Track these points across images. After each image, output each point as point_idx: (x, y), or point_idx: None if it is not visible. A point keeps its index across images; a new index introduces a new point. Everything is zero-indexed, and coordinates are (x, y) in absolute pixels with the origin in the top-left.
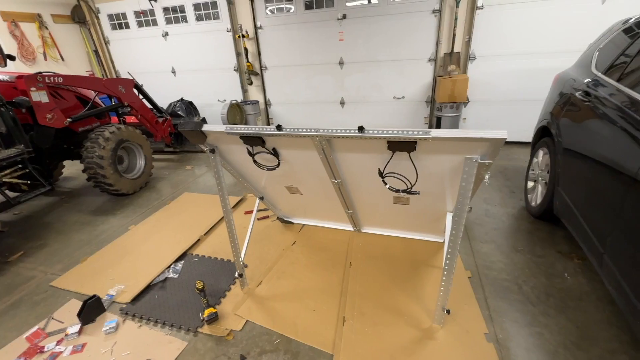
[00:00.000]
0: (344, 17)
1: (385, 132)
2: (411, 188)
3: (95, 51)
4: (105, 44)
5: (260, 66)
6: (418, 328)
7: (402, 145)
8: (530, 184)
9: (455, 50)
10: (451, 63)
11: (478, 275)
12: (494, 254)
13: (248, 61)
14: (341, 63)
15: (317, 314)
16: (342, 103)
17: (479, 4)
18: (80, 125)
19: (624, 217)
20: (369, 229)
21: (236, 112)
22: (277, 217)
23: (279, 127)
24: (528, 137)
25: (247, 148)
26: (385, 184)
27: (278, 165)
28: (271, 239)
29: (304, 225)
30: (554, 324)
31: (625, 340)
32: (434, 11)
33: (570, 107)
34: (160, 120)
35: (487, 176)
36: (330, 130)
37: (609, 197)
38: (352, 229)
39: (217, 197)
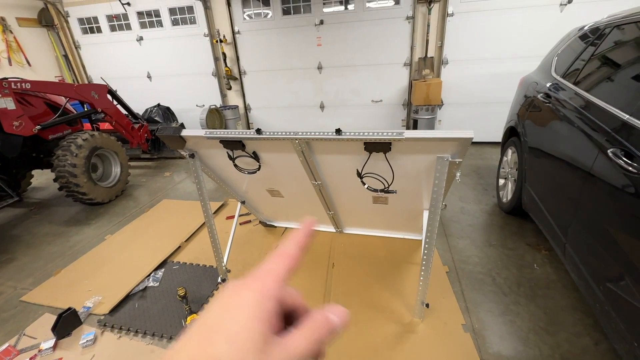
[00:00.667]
0: (322, 22)
1: (361, 134)
2: (388, 187)
3: (65, 56)
4: (76, 48)
5: (239, 71)
6: (400, 323)
7: (377, 146)
8: (501, 181)
9: (429, 55)
10: (425, 67)
11: (455, 269)
12: (469, 249)
13: (226, 66)
14: (320, 68)
15: None
16: (322, 107)
17: (449, 11)
18: (50, 132)
19: (581, 209)
20: (350, 229)
21: (215, 117)
22: (260, 221)
23: (258, 131)
24: (499, 137)
25: (227, 152)
26: (364, 184)
27: (259, 168)
28: (254, 243)
29: (286, 228)
30: (525, 311)
31: (589, 323)
32: (407, 18)
33: (533, 109)
34: (136, 126)
35: (458, 174)
36: (309, 133)
37: (568, 191)
38: (334, 230)
39: (197, 204)
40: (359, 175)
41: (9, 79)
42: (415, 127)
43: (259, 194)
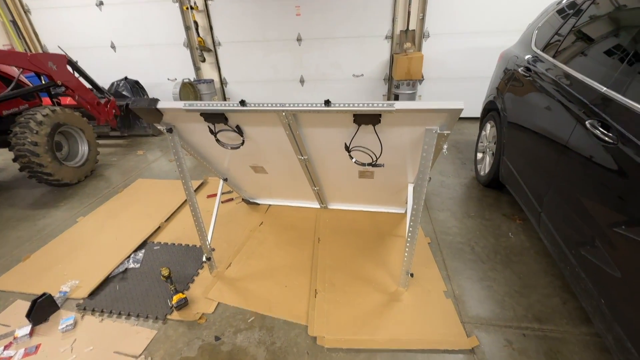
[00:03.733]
0: None
1: (351, 105)
2: (376, 161)
3: (13, 22)
4: (25, 13)
5: (213, 42)
6: (385, 292)
7: (367, 119)
8: (479, 155)
9: (411, 28)
10: (407, 41)
11: (436, 240)
12: (449, 220)
13: (199, 36)
14: (299, 39)
15: (290, 290)
16: (302, 81)
17: None
18: (3, 108)
19: (557, 179)
20: (335, 204)
21: (189, 92)
22: (242, 199)
23: (242, 103)
24: (478, 112)
25: (208, 126)
26: (352, 157)
27: (242, 143)
28: (237, 221)
29: (270, 205)
30: (501, 277)
31: (558, 285)
32: None
33: (513, 83)
34: (102, 101)
35: (445, 146)
36: (296, 105)
37: (545, 163)
38: (318, 206)
39: (175, 182)
40: (347, 149)
41: None
42: None
43: (242, 170)
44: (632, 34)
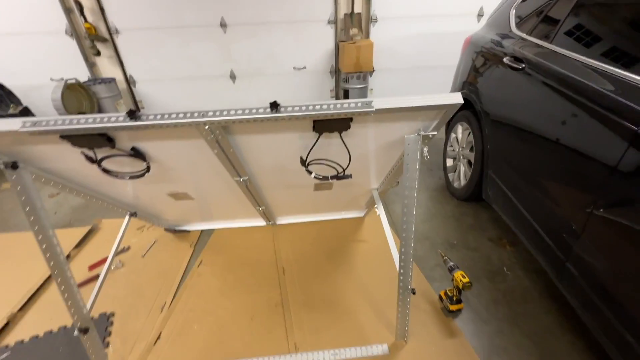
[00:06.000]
0: None
1: (311, 108)
2: (343, 173)
3: None
4: None
5: (109, 29)
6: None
7: (333, 125)
8: (449, 161)
9: (356, 11)
10: (353, 26)
11: (420, 289)
12: (430, 255)
13: (86, 21)
14: (224, 25)
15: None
16: (233, 77)
17: None
18: None
19: (594, 219)
20: (284, 219)
21: (81, 96)
22: (165, 229)
23: (132, 114)
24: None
25: (83, 154)
26: (310, 173)
27: (147, 170)
28: (158, 266)
29: (202, 231)
30: (512, 345)
31: (581, 348)
32: None
33: (495, 74)
34: None
35: (425, 150)
36: (225, 113)
37: (576, 194)
38: (264, 224)
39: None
40: (304, 163)
41: None
42: (346, 98)
43: (156, 200)
44: None
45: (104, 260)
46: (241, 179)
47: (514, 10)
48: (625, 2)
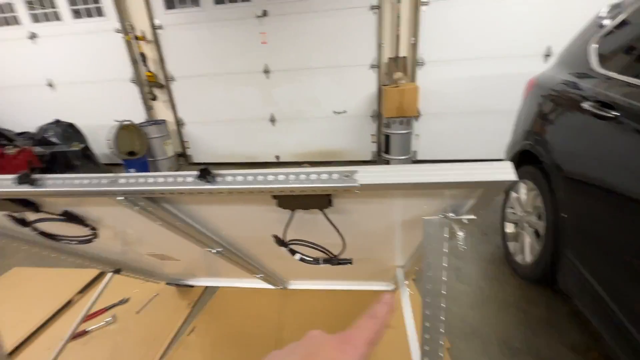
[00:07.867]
0: (265, 14)
1: (261, 179)
2: (337, 256)
3: None
4: None
5: (166, 76)
6: None
7: (306, 201)
8: (509, 226)
9: (401, 54)
10: (397, 70)
11: None
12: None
13: (148, 70)
14: (267, 71)
15: None
16: (273, 120)
17: None
18: None
19: None
20: (297, 283)
21: (133, 136)
22: (166, 283)
23: (25, 179)
24: (492, 154)
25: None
26: (293, 253)
27: (95, 236)
28: (148, 328)
29: (206, 287)
30: None
31: None
32: (372, 7)
33: (570, 122)
34: (10, 151)
35: (461, 234)
36: (139, 181)
37: None
38: (272, 287)
39: (65, 272)
40: (282, 243)
41: None
42: (387, 144)
43: (139, 260)
44: None
45: (102, 311)
46: (214, 251)
47: (595, 46)
48: None
